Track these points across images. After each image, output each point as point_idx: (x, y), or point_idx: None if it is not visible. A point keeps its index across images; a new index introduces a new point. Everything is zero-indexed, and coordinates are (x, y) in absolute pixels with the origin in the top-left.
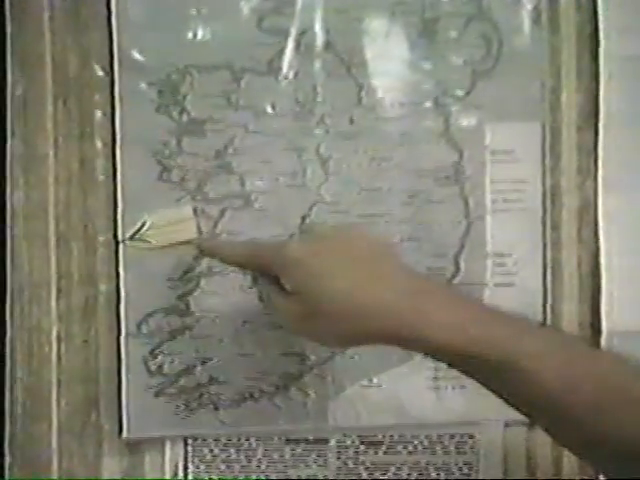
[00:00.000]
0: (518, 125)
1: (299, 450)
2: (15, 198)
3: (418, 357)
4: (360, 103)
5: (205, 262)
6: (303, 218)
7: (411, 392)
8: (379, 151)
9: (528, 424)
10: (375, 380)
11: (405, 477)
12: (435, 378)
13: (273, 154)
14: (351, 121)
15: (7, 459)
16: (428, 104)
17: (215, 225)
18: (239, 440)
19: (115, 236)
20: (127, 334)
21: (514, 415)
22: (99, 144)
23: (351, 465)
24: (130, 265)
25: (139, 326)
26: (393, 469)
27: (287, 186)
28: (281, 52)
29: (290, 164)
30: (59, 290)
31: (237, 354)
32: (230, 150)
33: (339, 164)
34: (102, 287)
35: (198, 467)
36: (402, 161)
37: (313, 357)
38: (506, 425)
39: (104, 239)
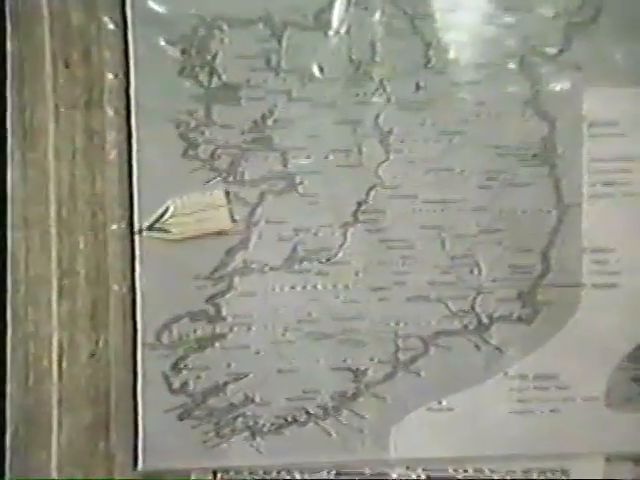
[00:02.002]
0: (623, 91)
1: None
2: (9, 178)
3: (499, 375)
4: (427, 65)
5: (240, 256)
6: (359, 204)
7: (491, 417)
8: (451, 123)
9: (635, 459)
10: (445, 402)
11: None
12: (521, 400)
13: (322, 127)
14: (417, 87)
15: None
16: (512, 65)
17: (252, 212)
18: (279, 473)
19: (130, 226)
20: (144, 344)
21: (618, 446)
22: (110, 113)
23: None
24: (148, 261)
25: (159, 335)
26: None
27: (339, 166)
28: (331, 1)
29: (342, 139)
30: (61, 290)
31: (278, 369)
32: (270, 121)
33: (402, 139)
34: (114, 287)
35: None
36: (479, 136)
37: (370, 373)
38: (607, 460)
39: (116, 229)
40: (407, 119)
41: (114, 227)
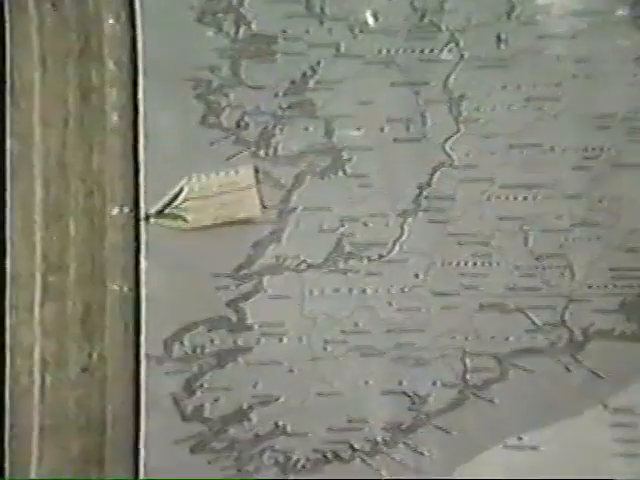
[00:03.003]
0: None
1: None
2: None
3: (597, 406)
4: (511, 13)
5: (271, 251)
6: (420, 188)
7: (588, 459)
8: (540, 87)
9: None
10: (527, 439)
11: None
12: (628, 440)
13: (376, 90)
14: (498, 40)
15: None
16: (621, 12)
17: (287, 196)
18: None
19: (135, 210)
20: (149, 358)
21: None
22: (110, 66)
23: None
24: (156, 254)
25: (168, 346)
26: None
27: (396, 140)
28: None
29: (402, 106)
30: (46, 290)
31: (316, 392)
32: (311, 82)
33: (477, 106)
34: (113, 287)
35: None
36: (576, 102)
37: (432, 399)
38: None
39: (117, 214)
40: (484, 81)
41: (114, 212)
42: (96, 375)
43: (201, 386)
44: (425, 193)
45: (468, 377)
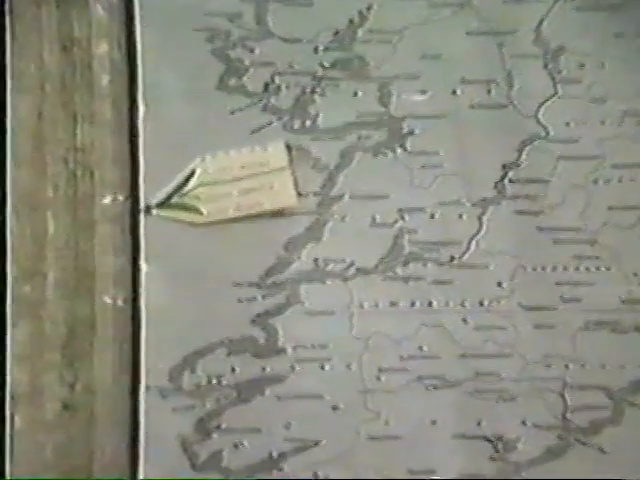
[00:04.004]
0: None
1: None
2: None
3: None
4: None
5: (309, 252)
6: (505, 168)
7: None
8: None
9: None
10: None
11: None
12: None
13: (446, 41)
14: None
15: None
16: None
17: (330, 181)
18: None
19: (132, 199)
20: (151, 391)
21: None
22: (98, 12)
23: None
24: (160, 256)
25: (175, 376)
26: None
27: (474, 106)
28: None
29: (481, 61)
30: (17, 303)
31: (368, 434)
32: (361, 33)
33: (580, 62)
34: (104, 299)
35: None
36: None
37: (521, 446)
38: None
39: (110, 204)
40: (590, 27)
41: (106, 201)
42: (81, 413)
43: (218, 427)
44: (511, 175)
45: (570, 417)
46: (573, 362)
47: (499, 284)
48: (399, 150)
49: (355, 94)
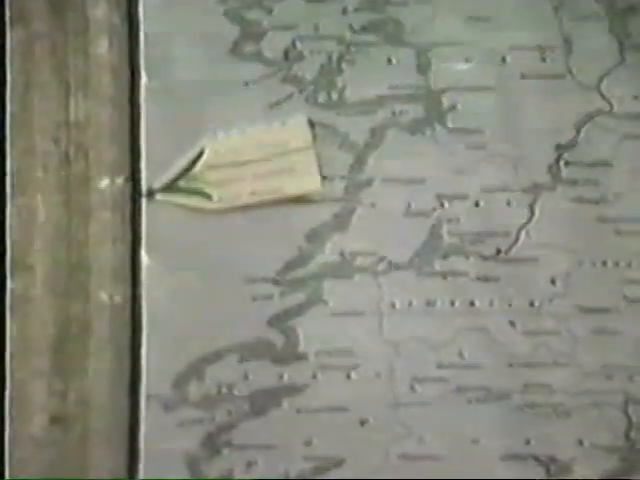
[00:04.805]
0: None
1: None
2: None
3: None
4: None
5: (334, 244)
6: (560, 149)
7: None
8: None
9: None
10: None
11: None
12: None
13: (493, 1)
14: None
15: None
16: None
17: (360, 162)
18: None
19: (133, 182)
20: (153, 401)
21: None
22: None
23: None
24: (164, 248)
25: (180, 385)
26: None
27: (525, 76)
28: None
29: (534, 25)
30: (1, 298)
31: (400, 453)
32: None
33: None
34: (100, 295)
35: None
36: None
37: (578, 467)
38: None
39: (107, 188)
40: None
41: (103, 184)
42: (73, 427)
43: (228, 443)
44: (567, 157)
45: (634, 436)
46: (638, 373)
47: (552, 282)
48: (438, 127)
49: (389, 62)
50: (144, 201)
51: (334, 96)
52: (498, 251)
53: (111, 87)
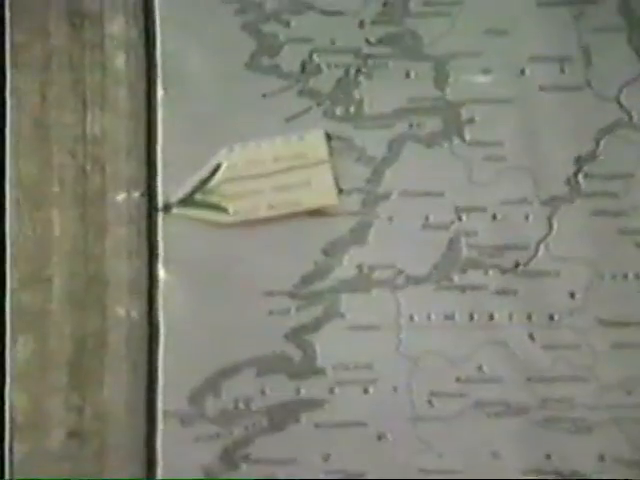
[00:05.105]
0: None
1: None
2: None
3: None
4: None
5: (352, 257)
6: (579, 162)
7: None
8: None
9: None
10: None
11: None
12: None
13: (513, 12)
14: None
15: None
16: None
17: (376, 176)
18: None
19: (149, 196)
20: (169, 417)
21: None
22: None
23: None
24: (181, 262)
25: (197, 400)
26: None
27: (544, 88)
28: None
29: (554, 36)
30: (18, 314)
31: (417, 467)
32: (413, 4)
33: None
34: (116, 310)
35: None
36: None
37: None
38: None
39: (123, 201)
40: None
41: (119, 198)
42: (90, 442)
43: (246, 458)
44: (587, 169)
45: None
46: None
47: (572, 295)
48: (456, 140)
49: (407, 75)
50: (160, 215)
51: (351, 109)
52: (517, 264)
53: (128, 101)
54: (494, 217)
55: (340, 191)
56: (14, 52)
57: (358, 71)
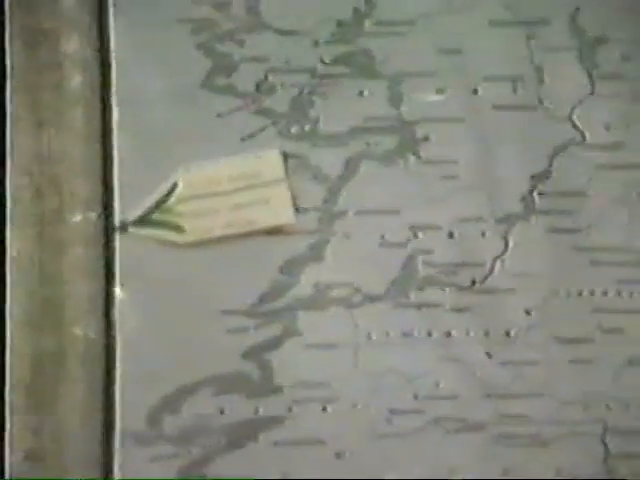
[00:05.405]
0: None
1: None
2: None
3: None
4: None
5: (309, 276)
6: (533, 180)
7: None
8: None
9: None
10: None
11: None
12: None
13: (466, 32)
14: None
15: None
16: None
17: (332, 194)
18: None
19: (106, 216)
20: (127, 437)
21: None
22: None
23: None
24: (138, 281)
25: (155, 419)
26: None
27: (498, 107)
28: None
29: (506, 56)
30: None
31: None
32: (367, 24)
33: (623, 54)
34: (73, 331)
35: None
36: None
37: None
38: None
39: (80, 222)
40: (636, 10)
41: (76, 219)
42: (47, 464)
43: (204, 478)
44: (541, 187)
45: (612, 465)
46: (615, 402)
47: (527, 312)
48: (412, 158)
49: (361, 94)
50: (117, 235)
51: (307, 128)
52: (473, 282)
53: (83, 121)
54: (450, 235)
55: (297, 209)
56: None
57: (313, 90)
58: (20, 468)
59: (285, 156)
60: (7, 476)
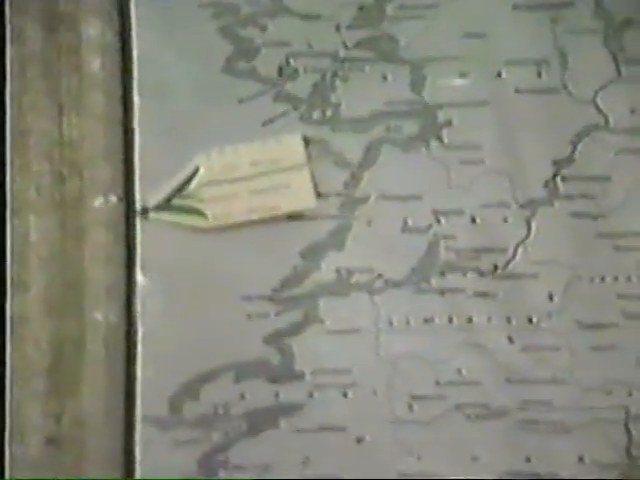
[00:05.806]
0: None
1: None
2: None
3: None
4: None
5: (330, 262)
6: (557, 165)
7: None
8: None
9: None
10: None
11: None
12: None
13: (490, 16)
14: None
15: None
16: None
17: (354, 179)
18: None
19: (127, 201)
20: (148, 422)
21: None
22: None
23: None
24: (159, 267)
25: (176, 405)
26: None
27: (520, 91)
28: None
29: (530, 40)
30: None
31: (397, 471)
32: (390, 8)
33: None
34: (94, 316)
35: None
36: None
37: None
38: None
39: (101, 206)
40: None
41: (97, 203)
42: (69, 448)
43: (225, 463)
44: (564, 172)
45: (635, 452)
46: (638, 389)
47: (550, 297)
48: (434, 143)
49: (383, 79)
50: (138, 220)
51: (328, 113)
52: (495, 267)
53: (104, 106)
54: (473, 220)
55: (318, 195)
56: None
57: (335, 75)
58: (41, 453)
59: (306, 141)
60: (29, 461)
